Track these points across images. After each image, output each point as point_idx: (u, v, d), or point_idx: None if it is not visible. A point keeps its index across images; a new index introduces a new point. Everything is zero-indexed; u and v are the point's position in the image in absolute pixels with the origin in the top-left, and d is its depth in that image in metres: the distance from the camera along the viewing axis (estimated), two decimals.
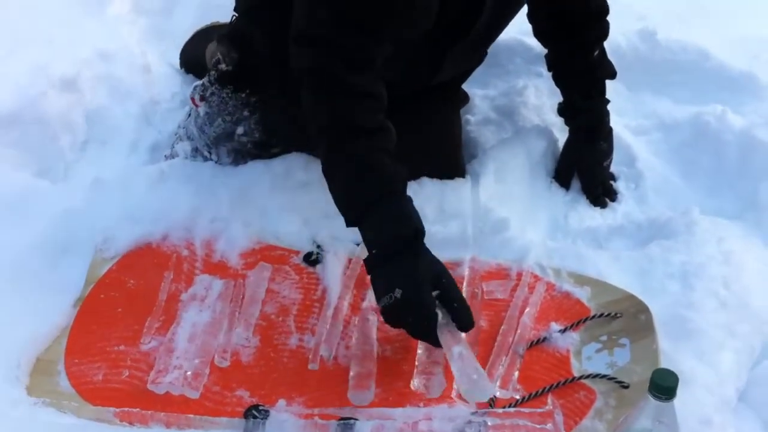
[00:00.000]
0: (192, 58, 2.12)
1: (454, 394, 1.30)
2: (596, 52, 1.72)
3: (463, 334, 1.30)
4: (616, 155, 1.80)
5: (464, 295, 1.44)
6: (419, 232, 1.34)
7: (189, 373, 1.32)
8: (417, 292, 1.28)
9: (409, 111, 1.69)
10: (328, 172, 1.39)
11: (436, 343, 1.30)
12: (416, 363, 1.36)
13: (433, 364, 1.35)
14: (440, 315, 1.30)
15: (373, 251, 1.33)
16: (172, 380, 1.31)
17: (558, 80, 1.79)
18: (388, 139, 1.39)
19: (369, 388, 1.31)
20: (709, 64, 2.04)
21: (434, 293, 1.30)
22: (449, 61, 1.59)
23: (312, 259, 1.55)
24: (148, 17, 2.36)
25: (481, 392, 1.24)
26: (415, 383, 1.33)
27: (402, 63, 1.52)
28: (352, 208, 1.37)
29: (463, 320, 1.30)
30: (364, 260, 1.35)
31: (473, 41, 1.56)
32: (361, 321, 1.43)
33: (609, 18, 1.72)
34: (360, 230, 1.36)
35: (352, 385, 1.32)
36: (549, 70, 1.79)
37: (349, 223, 1.38)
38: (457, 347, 1.26)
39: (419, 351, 1.37)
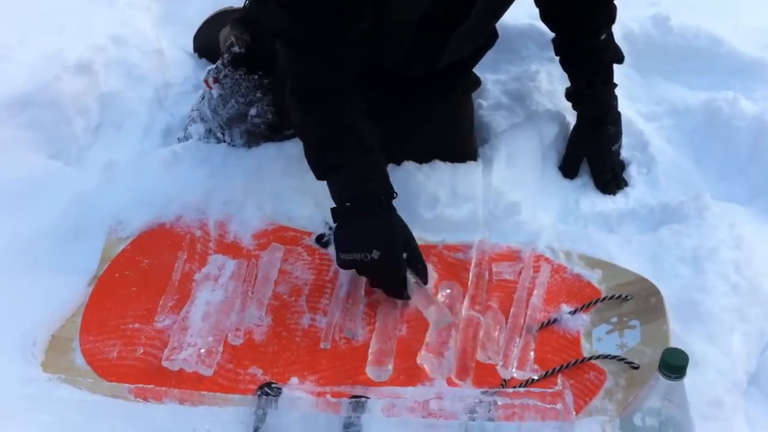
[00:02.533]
0: (205, 43, 2.13)
1: (452, 374, 1.32)
2: (603, 36, 1.71)
3: (431, 289, 1.42)
4: (628, 140, 1.80)
5: (471, 276, 1.49)
6: (392, 190, 1.41)
7: (203, 350, 1.34)
8: (395, 255, 1.37)
9: (420, 95, 1.70)
10: (300, 130, 1.46)
11: (404, 297, 1.40)
12: (426, 340, 1.37)
13: (443, 344, 1.36)
14: (409, 274, 1.39)
15: (346, 203, 1.38)
16: (186, 357, 1.32)
17: (565, 65, 1.79)
18: (358, 99, 1.43)
19: (387, 364, 1.34)
20: (722, 50, 2.03)
21: (404, 255, 1.38)
22: (453, 43, 1.59)
23: (324, 241, 1.56)
24: (161, 2, 2.36)
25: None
26: (422, 359, 1.35)
27: (405, 44, 1.54)
28: (324, 161, 1.42)
29: (425, 280, 1.42)
30: (332, 209, 1.40)
31: (475, 23, 1.56)
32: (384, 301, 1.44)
33: (621, 4, 1.71)
34: (329, 185, 1.41)
35: (371, 361, 1.34)
36: (556, 54, 1.79)
37: (319, 176, 1.43)
38: (432, 305, 1.37)
39: (430, 329, 1.39)
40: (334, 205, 1.41)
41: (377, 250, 1.35)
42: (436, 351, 1.35)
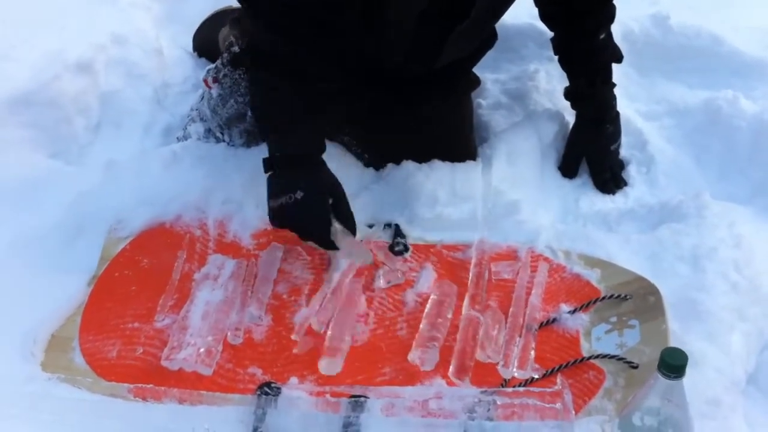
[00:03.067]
0: (205, 42, 2.14)
1: (450, 373, 1.32)
2: (602, 36, 1.71)
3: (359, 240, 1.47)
4: (628, 139, 1.80)
5: (471, 276, 1.48)
6: (323, 147, 1.48)
7: (202, 350, 1.34)
8: (318, 197, 1.43)
9: (420, 95, 1.70)
10: (249, 89, 1.54)
11: (330, 245, 1.45)
12: (416, 336, 1.38)
13: (431, 339, 1.37)
14: (335, 222, 1.43)
15: (276, 154, 1.44)
16: (186, 357, 1.32)
17: (564, 64, 1.78)
18: (305, 67, 1.45)
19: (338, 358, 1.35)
20: (722, 49, 2.03)
21: (330, 201, 1.43)
22: (451, 43, 1.59)
23: None
24: (161, 2, 2.37)
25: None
26: (412, 355, 1.35)
27: (404, 43, 1.55)
28: (265, 121, 1.50)
29: (353, 229, 1.46)
30: (263, 159, 1.45)
31: (474, 23, 1.56)
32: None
33: (621, 3, 1.70)
34: (267, 143, 1.48)
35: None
36: (555, 53, 1.79)
37: (261, 135, 1.56)
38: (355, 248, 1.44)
39: (421, 325, 1.39)
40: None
41: (300, 191, 1.40)
42: (422, 345, 1.36)
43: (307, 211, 1.43)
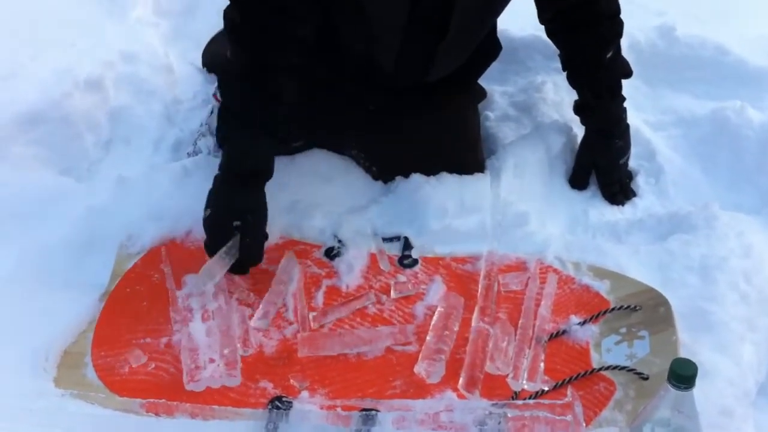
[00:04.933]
0: (214, 58, 2.15)
1: (460, 385, 1.32)
2: (609, 53, 1.71)
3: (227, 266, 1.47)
4: (636, 150, 1.81)
5: (480, 288, 1.48)
6: (261, 170, 1.50)
7: (221, 365, 1.34)
8: (220, 218, 1.47)
9: (426, 107, 1.71)
10: (221, 91, 1.61)
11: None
12: (422, 348, 1.39)
13: (437, 351, 1.37)
14: (230, 244, 1.45)
15: (221, 170, 1.51)
16: (210, 374, 1.32)
17: (572, 81, 1.79)
18: (291, 80, 1.51)
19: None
20: (728, 59, 2.04)
21: (235, 223, 1.45)
22: (441, 57, 1.61)
23: (333, 254, 1.57)
24: (170, 19, 2.38)
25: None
26: (418, 368, 1.35)
27: (392, 56, 1.57)
28: (223, 130, 1.54)
29: (244, 256, 1.48)
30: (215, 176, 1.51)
31: (456, 39, 1.57)
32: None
33: (627, 14, 1.71)
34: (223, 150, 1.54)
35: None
36: (563, 70, 1.79)
37: (219, 143, 1.58)
38: (214, 265, 1.44)
39: (428, 338, 1.40)
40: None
41: (210, 209, 1.48)
42: (429, 357, 1.36)
43: (210, 230, 1.48)
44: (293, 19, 1.47)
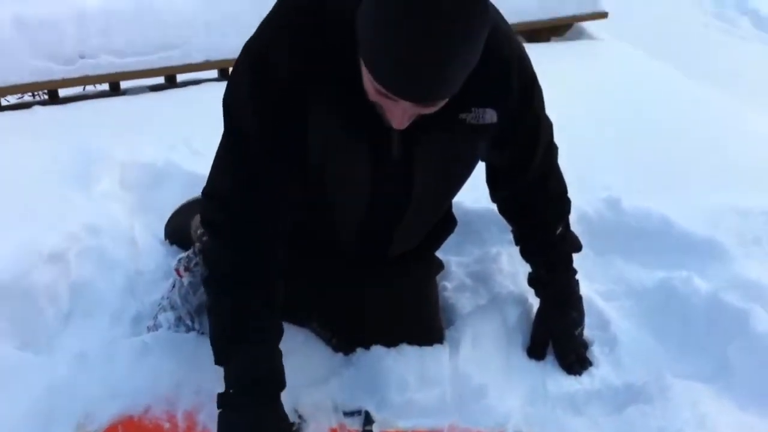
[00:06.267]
0: (177, 231, 2.18)
1: None
2: (558, 230, 1.79)
3: None
4: (590, 320, 1.85)
5: None
6: (276, 384, 1.47)
7: None
8: None
9: (385, 279, 1.76)
10: (209, 315, 1.53)
11: None
12: None
13: None
14: None
15: (230, 391, 1.45)
16: None
17: (524, 255, 1.86)
18: (273, 292, 1.51)
19: None
20: (673, 230, 2.12)
21: None
22: (399, 237, 1.68)
23: (294, 430, 1.55)
24: (135, 192, 2.43)
25: None
26: None
27: (352, 237, 1.65)
28: (221, 351, 1.50)
29: None
30: (218, 394, 1.45)
31: (416, 220, 1.65)
32: None
33: (575, 189, 1.80)
34: (224, 370, 1.48)
35: None
36: (516, 244, 1.86)
37: (216, 362, 1.50)
38: None
39: None
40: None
41: None
42: None
43: None
44: (282, 212, 1.51)
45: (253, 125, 1.43)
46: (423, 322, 1.80)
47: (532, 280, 1.85)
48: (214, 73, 3.39)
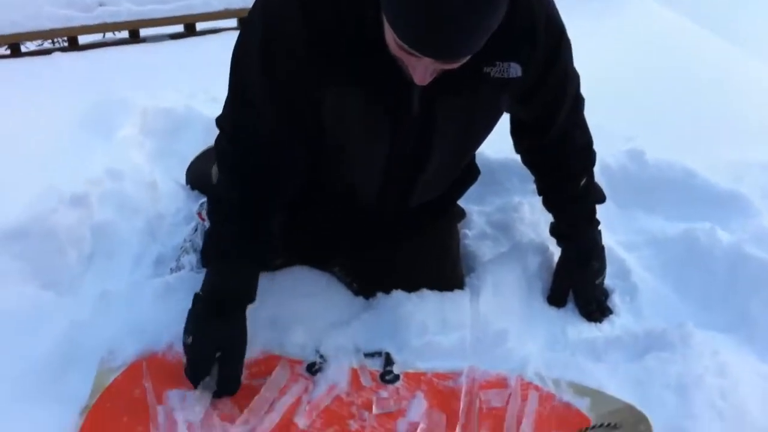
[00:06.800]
0: (198, 176, 2.19)
1: None
2: (582, 182, 1.78)
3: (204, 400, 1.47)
4: (611, 269, 1.85)
5: (462, 405, 1.48)
6: (241, 296, 1.51)
7: None
8: (200, 347, 1.47)
9: (406, 229, 1.75)
10: (209, 216, 1.58)
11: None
12: None
13: None
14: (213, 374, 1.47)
15: (200, 294, 1.51)
16: None
17: (547, 207, 1.85)
18: (260, 224, 1.53)
19: None
20: (696, 182, 2.12)
21: (217, 354, 1.46)
22: (421, 189, 1.67)
23: (315, 369, 1.57)
24: (155, 138, 2.44)
25: None
26: None
27: (372, 191, 1.64)
28: (203, 256, 1.57)
29: (221, 388, 1.48)
30: (194, 293, 1.52)
31: (438, 173, 1.65)
32: None
33: (598, 140, 1.79)
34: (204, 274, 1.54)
35: None
36: (539, 195, 1.86)
37: (202, 263, 1.57)
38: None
39: None
40: None
41: (191, 337, 1.47)
42: None
43: (189, 357, 1.48)
44: (286, 153, 1.51)
45: (260, 84, 1.44)
46: (443, 269, 1.80)
47: (554, 230, 1.84)
48: (233, 22, 3.37)
